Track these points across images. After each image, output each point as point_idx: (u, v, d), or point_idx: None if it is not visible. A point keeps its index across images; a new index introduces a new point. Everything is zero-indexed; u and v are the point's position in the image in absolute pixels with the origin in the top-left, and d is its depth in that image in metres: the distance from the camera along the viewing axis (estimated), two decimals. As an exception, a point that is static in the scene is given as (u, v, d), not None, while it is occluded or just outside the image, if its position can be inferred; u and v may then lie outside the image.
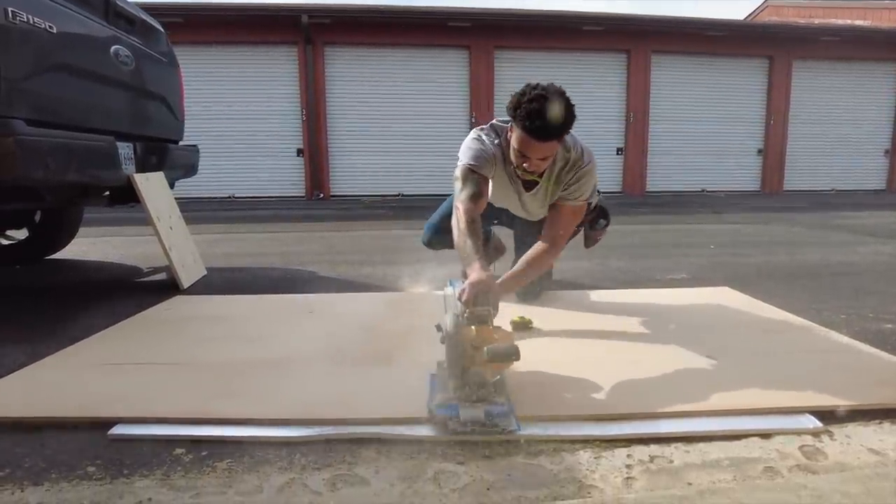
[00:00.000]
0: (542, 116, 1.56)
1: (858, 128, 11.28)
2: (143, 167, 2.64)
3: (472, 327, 1.25)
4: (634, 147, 10.63)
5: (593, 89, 10.41)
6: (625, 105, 10.55)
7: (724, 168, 11.02)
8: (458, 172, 1.83)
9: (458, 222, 1.69)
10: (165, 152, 2.88)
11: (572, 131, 1.76)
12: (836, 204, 8.38)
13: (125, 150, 2.48)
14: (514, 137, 1.69)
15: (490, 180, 1.86)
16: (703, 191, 10.93)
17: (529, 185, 1.91)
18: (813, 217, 6.31)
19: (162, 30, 2.97)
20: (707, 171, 10.98)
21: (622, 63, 10.46)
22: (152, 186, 2.60)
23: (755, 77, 10.89)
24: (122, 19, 2.56)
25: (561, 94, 1.62)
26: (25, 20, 1.92)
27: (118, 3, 2.50)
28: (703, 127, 10.85)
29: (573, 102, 1.64)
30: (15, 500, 0.96)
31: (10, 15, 1.85)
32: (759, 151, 11.13)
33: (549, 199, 1.93)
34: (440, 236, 2.25)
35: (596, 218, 2.30)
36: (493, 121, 1.92)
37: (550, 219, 1.91)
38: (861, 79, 11.14)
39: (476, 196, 1.75)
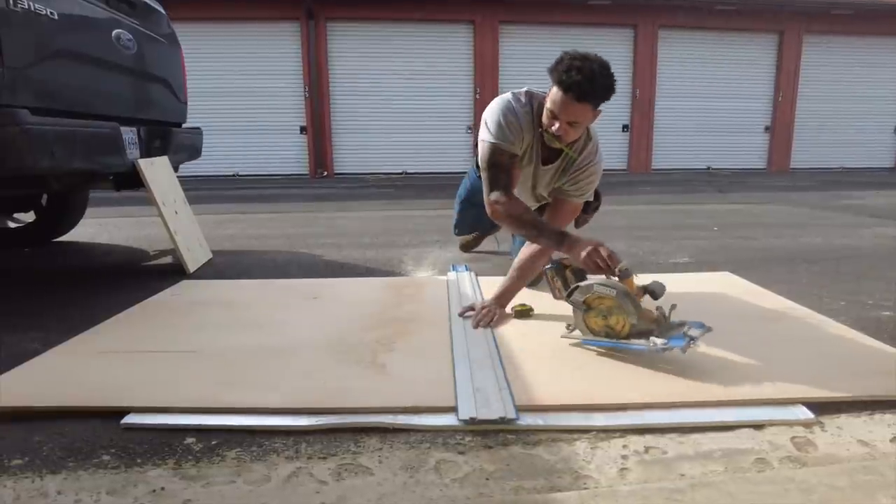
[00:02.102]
0: (581, 73, 1.54)
1: (868, 104, 11.13)
2: (147, 152, 2.64)
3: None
4: (640, 124, 10.54)
5: (599, 65, 10.25)
6: (631, 81, 10.42)
7: (730, 146, 10.92)
8: (484, 153, 1.75)
9: (518, 225, 1.75)
10: (169, 136, 2.89)
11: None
12: (843, 183, 8.31)
13: (129, 135, 2.48)
14: (550, 96, 1.64)
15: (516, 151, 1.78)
16: (708, 168, 10.86)
17: (547, 160, 1.84)
18: (818, 197, 6.28)
19: (163, 11, 2.94)
20: (713, 149, 10.89)
21: (629, 38, 10.30)
22: (157, 171, 2.62)
23: (764, 52, 10.71)
24: (123, 2, 2.55)
25: (607, 64, 1.60)
26: (27, 7, 1.92)
27: (118, -15, 2.48)
28: (711, 103, 10.72)
29: (616, 78, 1.61)
30: (35, 487, 1.01)
31: (12, 2, 1.85)
32: (767, 128, 11.01)
33: (556, 179, 1.88)
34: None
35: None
36: (529, 87, 1.82)
37: (549, 215, 1.91)
38: (872, 54, 10.94)
39: (507, 188, 1.73)
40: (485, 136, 1.76)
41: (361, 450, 1.12)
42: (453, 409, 1.22)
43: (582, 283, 1.59)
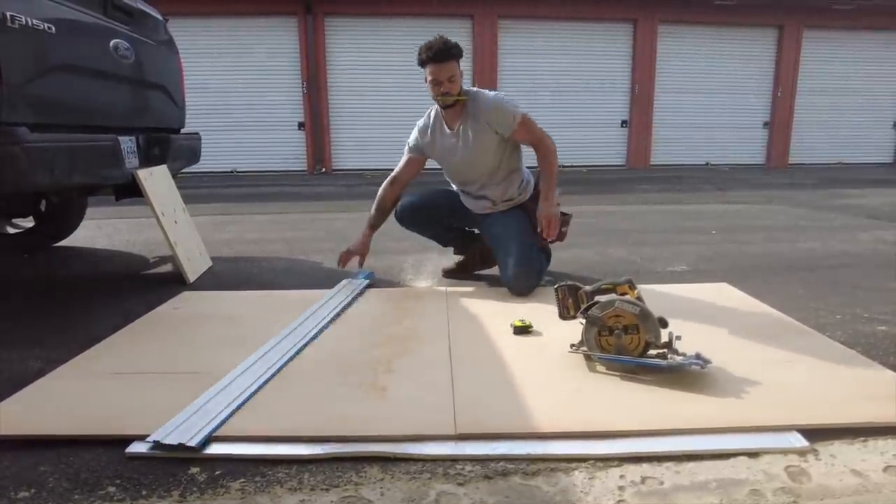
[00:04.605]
0: (434, 45, 2.22)
1: (867, 99, 11.12)
2: (146, 159, 2.65)
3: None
4: (639, 119, 10.51)
5: (599, 60, 10.26)
6: (630, 76, 10.38)
7: (729, 141, 10.92)
8: None
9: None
10: (168, 143, 2.88)
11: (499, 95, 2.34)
12: (842, 180, 8.32)
13: (128, 144, 2.49)
14: (427, 75, 2.27)
15: (425, 153, 2.52)
16: (707, 164, 10.85)
17: (451, 125, 2.40)
18: (817, 196, 6.29)
19: (160, 18, 2.93)
20: (712, 144, 10.88)
21: (628, 33, 10.25)
22: (156, 181, 2.62)
23: (764, 47, 10.69)
24: (120, 11, 2.53)
25: (446, 38, 2.27)
26: (24, 22, 1.91)
27: (116, -5, 2.47)
28: (710, 99, 10.71)
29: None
30: (42, 522, 1.03)
31: (9, 19, 1.84)
32: (765, 124, 11.00)
33: (475, 133, 2.35)
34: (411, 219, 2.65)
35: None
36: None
37: (524, 138, 2.39)
38: (872, 49, 10.92)
39: (397, 176, 2.58)
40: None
41: (363, 480, 1.14)
42: (453, 438, 1.24)
43: (602, 299, 1.62)
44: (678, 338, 1.56)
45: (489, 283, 2.58)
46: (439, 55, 2.23)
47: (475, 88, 2.42)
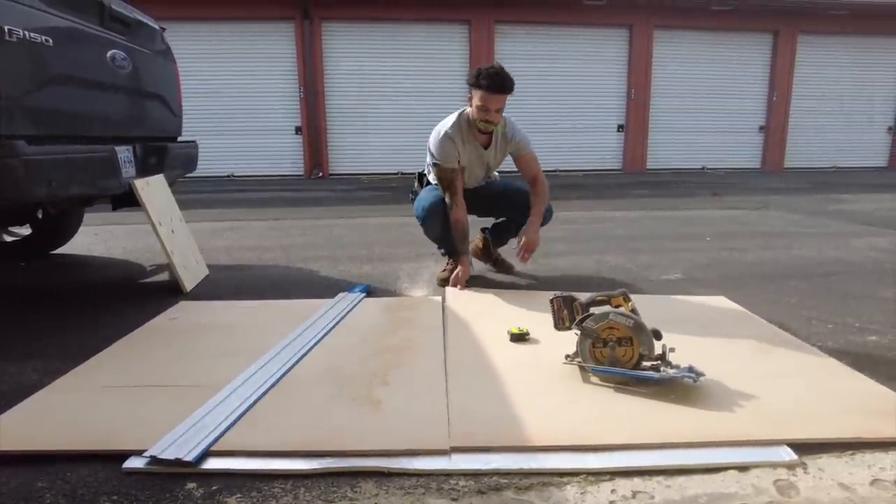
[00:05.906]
0: (497, 75, 2.33)
1: (862, 104, 11.19)
2: (143, 169, 2.66)
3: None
4: (635, 124, 10.55)
5: (595, 65, 10.30)
6: (626, 81, 10.43)
7: (725, 145, 10.97)
8: (436, 172, 2.62)
9: (453, 227, 2.62)
10: (165, 152, 2.89)
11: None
12: (837, 184, 8.37)
13: (125, 153, 2.49)
14: (476, 98, 2.38)
15: (459, 161, 2.56)
16: (703, 168, 10.90)
17: (486, 145, 2.60)
18: (812, 201, 6.33)
19: (157, 27, 2.94)
20: (708, 149, 10.94)
21: (624, 38, 10.30)
22: (153, 191, 2.63)
23: (759, 52, 10.75)
24: (118, 22, 2.54)
25: (505, 69, 2.38)
26: (22, 35, 1.92)
27: (113, 6, 2.48)
28: (706, 103, 10.76)
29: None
30: (40, 539, 1.04)
31: (7, 32, 1.85)
32: (761, 128, 11.05)
33: (501, 151, 2.66)
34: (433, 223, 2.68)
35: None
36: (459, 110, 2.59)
37: (523, 168, 2.67)
38: (866, 53, 10.99)
39: (454, 196, 2.57)
40: (432, 160, 2.60)
41: (358, 496, 1.15)
42: (447, 452, 1.26)
43: (596, 311, 1.63)
44: (672, 350, 1.58)
45: (485, 290, 2.59)
46: (497, 87, 2.33)
47: (507, 115, 2.56)
